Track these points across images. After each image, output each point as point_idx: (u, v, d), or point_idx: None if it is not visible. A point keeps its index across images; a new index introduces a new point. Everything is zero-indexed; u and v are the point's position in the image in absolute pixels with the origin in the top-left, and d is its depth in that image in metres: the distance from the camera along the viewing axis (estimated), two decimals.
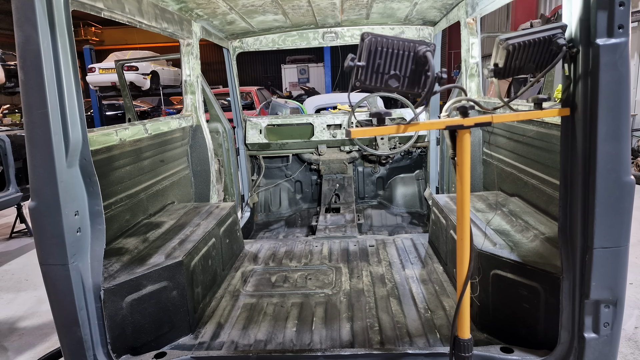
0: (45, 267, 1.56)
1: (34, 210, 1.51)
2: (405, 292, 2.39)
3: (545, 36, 1.38)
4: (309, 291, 2.44)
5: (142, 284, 1.87)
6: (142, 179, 2.56)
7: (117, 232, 2.25)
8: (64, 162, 1.50)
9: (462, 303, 1.43)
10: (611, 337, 1.53)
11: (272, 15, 3.22)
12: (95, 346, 1.67)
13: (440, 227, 2.71)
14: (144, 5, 2.39)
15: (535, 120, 2.16)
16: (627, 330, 3.01)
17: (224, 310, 2.29)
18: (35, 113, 1.44)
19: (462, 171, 1.39)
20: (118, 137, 2.23)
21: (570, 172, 1.49)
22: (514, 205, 2.43)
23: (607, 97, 1.36)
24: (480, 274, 1.92)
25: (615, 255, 1.46)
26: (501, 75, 1.42)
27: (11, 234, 5.87)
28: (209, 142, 3.31)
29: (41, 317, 3.59)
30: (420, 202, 4.65)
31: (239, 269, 2.81)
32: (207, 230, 2.43)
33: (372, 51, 1.31)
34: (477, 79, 3.08)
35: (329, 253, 3.00)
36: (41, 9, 1.40)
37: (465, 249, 1.42)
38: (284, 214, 4.73)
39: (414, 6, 3.17)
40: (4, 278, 4.51)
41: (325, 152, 4.42)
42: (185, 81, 3.21)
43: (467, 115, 1.34)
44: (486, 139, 2.96)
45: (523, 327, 1.79)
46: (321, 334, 2.02)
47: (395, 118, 4.25)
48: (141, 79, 14.60)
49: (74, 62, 1.53)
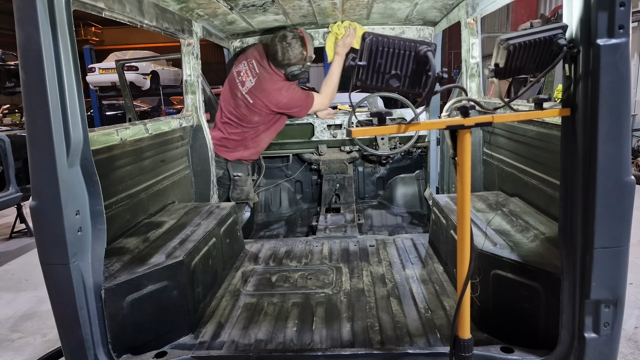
0: (46, 266, 1.56)
1: (35, 209, 1.51)
2: (406, 292, 2.40)
3: (546, 36, 1.38)
4: (310, 291, 2.44)
5: (142, 283, 1.87)
6: (143, 178, 2.56)
7: (117, 232, 2.26)
8: (65, 161, 1.50)
9: (463, 303, 1.43)
10: (611, 337, 1.53)
11: (272, 15, 3.23)
12: (96, 345, 1.67)
13: (441, 227, 2.71)
14: (144, 5, 2.39)
15: (536, 120, 2.16)
16: (627, 330, 3.01)
17: (224, 310, 2.30)
18: (36, 113, 1.44)
19: (463, 171, 1.39)
20: (119, 137, 2.23)
21: (571, 172, 1.49)
22: (514, 205, 2.43)
23: (608, 97, 1.36)
24: (480, 274, 1.92)
25: (616, 255, 1.46)
26: (502, 75, 1.42)
27: (11, 234, 5.87)
28: (209, 142, 3.32)
29: (41, 317, 3.59)
30: (420, 202, 4.65)
31: (240, 268, 2.81)
32: (208, 230, 2.43)
33: (373, 51, 1.31)
34: (477, 79, 3.08)
35: (329, 253, 3.00)
36: (42, 8, 1.40)
37: (465, 249, 1.43)
38: (284, 213, 4.73)
39: (415, 6, 3.17)
40: (4, 278, 4.52)
41: (326, 152, 4.42)
42: (185, 81, 3.21)
43: (467, 115, 1.34)
44: (486, 139, 2.96)
45: (523, 327, 1.79)
46: (322, 334, 2.02)
47: (395, 118, 4.25)
48: (141, 79, 14.60)
49: (75, 61, 1.53)
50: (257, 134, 3.53)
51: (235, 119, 3.45)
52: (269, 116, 3.46)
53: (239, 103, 3.42)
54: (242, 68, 3.46)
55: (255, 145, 3.60)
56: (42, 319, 3.55)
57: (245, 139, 3.51)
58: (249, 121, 3.43)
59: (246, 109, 3.40)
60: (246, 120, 3.43)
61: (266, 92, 3.33)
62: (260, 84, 3.35)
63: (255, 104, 3.36)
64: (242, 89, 3.40)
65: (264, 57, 3.42)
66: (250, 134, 3.51)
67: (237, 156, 3.57)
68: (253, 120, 3.43)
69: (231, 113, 3.45)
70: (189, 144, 3.24)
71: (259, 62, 3.42)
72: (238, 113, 3.43)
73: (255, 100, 3.36)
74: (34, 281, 4.35)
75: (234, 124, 3.46)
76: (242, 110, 3.41)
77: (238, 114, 3.43)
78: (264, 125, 3.51)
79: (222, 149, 3.51)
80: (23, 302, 3.91)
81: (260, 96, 3.34)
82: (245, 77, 3.41)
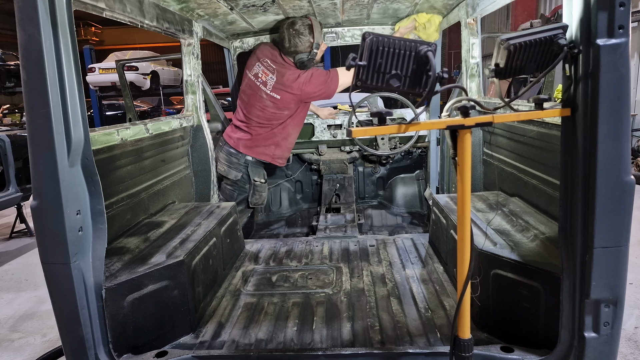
0: (47, 266, 1.56)
1: (36, 209, 1.51)
2: (406, 291, 2.40)
3: (547, 36, 1.38)
4: (310, 291, 2.45)
5: (143, 283, 1.87)
6: (143, 178, 2.57)
7: (118, 232, 2.26)
8: (66, 161, 1.50)
9: (463, 303, 1.43)
10: (611, 337, 1.54)
11: (272, 15, 3.23)
12: (97, 345, 1.67)
13: (441, 227, 2.71)
14: (145, 5, 2.40)
15: (536, 120, 2.16)
16: (627, 330, 3.01)
17: (224, 309, 2.30)
18: (37, 113, 1.44)
19: (463, 171, 1.39)
20: (119, 137, 2.23)
21: (571, 172, 1.49)
22: (515, 205, 2.43)
23: (608, 97, 1.36)
24: (480, 273, 1.92)
25: (616, 255, 1.47)
26: (502, 75, 1.42)
27: (11, 234, 5.87)
28: (209, 142, 3.32)
29: (41, 317, 3.60)
30: (420, 202, 4.65)
31: (240, 268, 2.81)
32: (208, 229, 2.43)
33: (373, 51, 1.31)
34: (477, 79, 3.08)
35: (330, 253, 3.00)
36: (43, 8, 1.40)
37: (465, 249, 1.43)
38: (285, 213, 4.73)
39: (415, 7, 3.18)
40: (4, 278, 4.52)
41: (326, 152, 4.43)
42: (186, 81, 3.22)
43: (468, 115, 1.35)
44: (487, 139, 2.96)
45: (523, 326, 1.80)
46: (322, 333, 2.03)
47: (395, 118, 4.25)
48: (141, 79, 14.59)
49: (76, 61, 1.53)
50: (285, 128, 3.48)
51: (264, 120, 3.41)
52: (299, 107, 3.42)
53: (266, 104, 3.36)
54: (259, 69, 3.41)
55: (285, 141, 3.55)
56: (42, 319, 3.55)
57: (274, 134, 3.47)
58: (278, 118, 3.40)
59: (274, 107, 3.35)
60: (276, 117, 3.39)
61: (289, 83, 3.28)
62: (281, 77, 3.31)
63: (283, 99, 3.31)
64: (265, 89, 3.34)
65: (276, 52, 3.40)
66: (279, 129, 3.47)
67: (268, 155, 3.54)
68: (283, 116, 3.39)
69: (259, 117, 3.39)
70: (189, 144, 3.24)
71: (272, 59, 3.38)
72: (267, 114, 3.37)
73: (282, 94, 3.31)
74: (34, 281, 4.36)
75: (264, 124, 3.42)
76: (270, 110, 3.36)
77: (267, 115, 3.38)
78: (292, 119, 3.47)
79: (254, 149, 3.48)
80: (23, 302, 3.92)
81: (286, 89, 3.29)
82: (265, 76, 3.36)
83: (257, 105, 3.40)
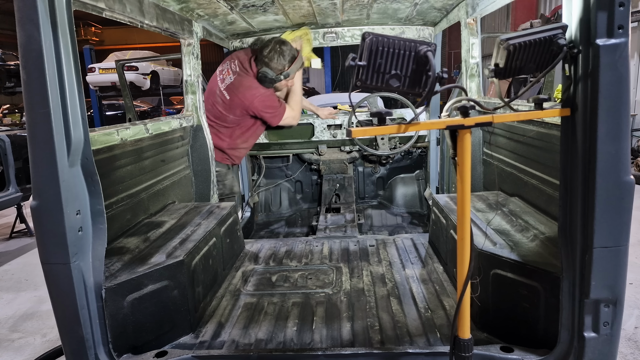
0: (47, 266, 1.56)
1: (35, 209, 1.51)
2: (406, 291, 2.40)
3: (546, 36, 1.38)
4: (310, 291, 2.45)
5: (143, 283, 1.87)
6: (143, 178, 2.57)
7: (118, 232, 2.26)
8: (66, 161, 1.50)
9: (462, 303, 1.43)
10: (611, 337, 1.54)
11: (272, 15, 3.23)
12: (97, 345, 1.67)
13: (441, 227, 2.71)
14: (145, 5, 2.40)
15: (536, 120, 2.16)
16: (627, 330, 3.01)
17: (224, 309, 2.30)
18: (37, 112, 1.44)
19: (463, 171, 1.39)
20: (119, 137, 2.23)
21: (570, 172, 1.49)
22: (514, 205, 2.43)
23: (607, 97, 1.36)
24: (480, 273, 1.92)
25: (615, 254, 1.47)
26: (502, 75, 1.43)
27: (11, 234, 5.87)
28: (209, 142, 3.32)
29: (41, 317, 3.60)
30: (420, 202, 4.66)
31: (240, 268, 2.81)
32: (208, 229, 2.43)
33: (373, 51, 1.31)
34: (477, 79, 3.08)
35: (329, 253, 3.00)
36: (43, 8, 1.40)
37: (465, 249, 1.43)
38: (285, 213, 4.74)
39: (415, 7, 3.17)
40: (4, 278, 4.52)
41: (326, 152, 4.43)
42: (186, 81, 3.22)
43: (467, 115, 1.35)
44: (486, 139, 2.96)
45: (523, 326, 1.80)
46: (322, 333, 2.03)
47: (395, 118, 4.25)
48: (141, 79, 14.60)
49: (76, 61, 1.53)
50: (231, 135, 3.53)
51: (211, 116, 3.47)
52: (244, 118, 3.46)
53: (216, 100, 3.44)
54: (225, 67, 3.51)
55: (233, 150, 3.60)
56: (42, 319, 3.55)
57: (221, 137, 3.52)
58: (224, 120, 3.45)
59: (222, 106, 3.41)
60: (222, 118, 3.45)
61: (242, 89, 3.35)
62: (239, 81, 3.38)
63: (231, 101, 3.38)
64: (221, 85, 3.43)
65: (248, 60, 3.44)
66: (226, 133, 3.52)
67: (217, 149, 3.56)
68: (228, 119, 3.44)
69: (209, 110, 3.47)
70: (189, 144, 3.24)
71: (241, 62, 3.44)
72: (215, 111, 3.45)
73: (232, 96, 3.38)
74: (34, 281, 4.35)
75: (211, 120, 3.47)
76: (218, 108, 3.43)
77: (215, 112, 3.45)
78: (239, 128, 3.51)
79: None
80: (23, 302, 3.92)
81: (236, 92, 3.35)
82: (226, 74, 3.45)
83: (209, 99, 3.49)
